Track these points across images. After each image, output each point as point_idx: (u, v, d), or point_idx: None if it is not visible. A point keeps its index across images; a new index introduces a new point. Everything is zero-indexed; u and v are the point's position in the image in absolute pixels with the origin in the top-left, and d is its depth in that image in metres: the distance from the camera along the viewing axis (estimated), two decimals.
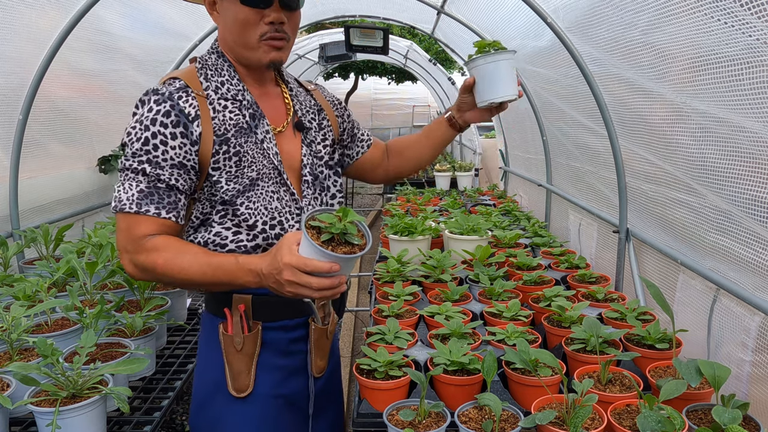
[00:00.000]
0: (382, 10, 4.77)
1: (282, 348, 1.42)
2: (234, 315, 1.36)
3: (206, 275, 1.22)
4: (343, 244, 1.18)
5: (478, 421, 1.36)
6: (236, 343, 1.35)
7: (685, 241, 2.02)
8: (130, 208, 1.23)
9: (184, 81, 1.31)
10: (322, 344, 1.47)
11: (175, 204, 1.27)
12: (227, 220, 1.34)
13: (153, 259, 1.23)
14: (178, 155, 1.25)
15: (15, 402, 1.38)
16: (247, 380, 1.38)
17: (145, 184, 1.24)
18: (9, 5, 2.25)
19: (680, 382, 1.29)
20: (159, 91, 1.27)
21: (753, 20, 1.32)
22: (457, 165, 6.09)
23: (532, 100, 3.65)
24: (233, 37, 1.32)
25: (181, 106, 1.26)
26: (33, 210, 2.80)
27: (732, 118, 1.55)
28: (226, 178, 1.30)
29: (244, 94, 1.36)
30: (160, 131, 1.24)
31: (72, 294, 1.81)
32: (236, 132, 1.32)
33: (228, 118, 1.32)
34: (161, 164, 1.24)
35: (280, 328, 1.41)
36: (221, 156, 1.30)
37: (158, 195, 1.25)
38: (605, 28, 2.16)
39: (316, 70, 9.12)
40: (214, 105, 1.31)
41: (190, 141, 1.26)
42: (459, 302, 2.18)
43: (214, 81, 1.34)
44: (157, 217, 1.24)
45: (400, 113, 13.91)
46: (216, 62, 1.37)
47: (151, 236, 1.24)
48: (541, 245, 3.09)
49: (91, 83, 3.17)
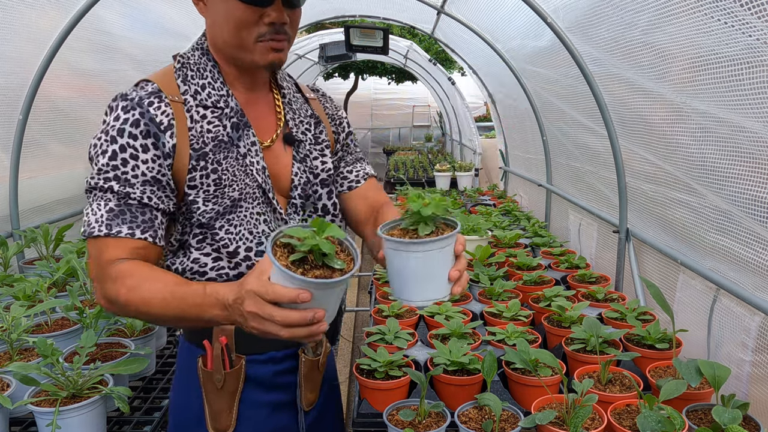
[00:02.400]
0: (382, 10, 4.77)
1: (267, 382, 1.26)
2: (214, 348, 1.18)
3: (170, 308, 1.01)
4: (321, 267, 0.92)
5: (478, 421, 1.36)
6: (216, 380, 1.19)
7: (685, 241, 2.02)
8: (100, 230, 1.05)
9: (158, 84, 1.13)
10: (312, 377, 1.30)
11: (151, 222, 1.09)
12: (206, 245, 1.17)
13: (117, 289, 1.03)
14: (151, 169, 1.08)
15: (15, 402, 1.38)
16: (229, 420, 1.23)
17: (115, 202, 1.07)
18: (9, 5, 2.25)
19: (680, 382, 1.29)
20: (128, 96, 1.10)
21: (753, 20, 1.32)
22: (457, 165, 6.09)
23: (532, 100, 3.65)
24: (225, 36, 1.14)
25: (152, 113, 1.08)
26: (33, 210, 2.80)
27: (732, 118, 1.55)
28: (203, 198, 1.13)
29: (227, 100, 1.18)
30: (129, 143, 1.06)
31: (72, 294, 1.81)
32: (215, 146, 1.15)
33: (206, 129, 1.15)
34: (131, 181, 1.07)
35: (267, 361, 1.25)
36: (198, 173, 1.13)
37: (130, 213, 1.07)
38: (605, 28, 2.16)
39: (316, 70, 9.13)
40: (192, 113, 1.14)
41: (162, 154, 1.09)
42: (459, 302, 2.18)
43: (194, 84, 1.16)
44: (131, 238, 1.06)
45: (400, 113, 13.89)
46: (199, 61, 1.19)
47: (121, 261, 1.05)
48: (541, 245, 3.09)
49: (91, 83, 3.17)
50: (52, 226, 2.56)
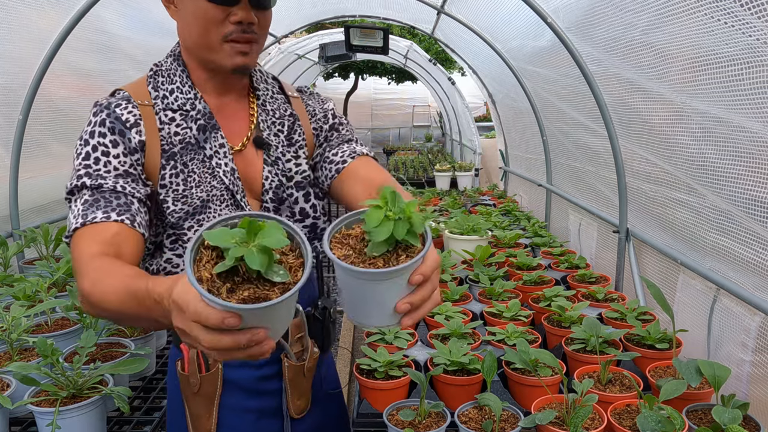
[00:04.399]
0: (382, 10, 4.77)
1: (250, 387, 1.24)
2: (190, 350, 1.16)
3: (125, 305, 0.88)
4: (256, 280, 0.72)
5: (478, 421, 1.36)
6: (192, 383, 1.17)
7: (685, 241, 2.02)
8: (77, 223, 1.01)
9: (128, 92, 1.16)
10: (298, 383, 1.26)
11: (127, 207, 1.05)
12: (178, 246, 1.17)
13: (82, 285, 0.94)
14: (123, 163, 1.09)
15: (15, 402, 1.38)
16: (208, 425, 1.21)
17: (89, 194, 1.05)
18: (9, 5, 2.25)
19: (680, 382, 1.29)
20: (99, 102, 1.14)
21: (753, 20, 1.32)
22: (457, 165, 6.09)
23: (532, 100, 3.65)
24: (193, 37, 1.14)
25: (118, 113, 1.11)
26: (33, 210, 2.80)
27: (732, 118, 1.55)
28: (172, 197, 1.14)
29: (194, 103, 1.18)
30: (100, 142, 1.08)
31: (72, 294, 1.81)
32: (182, 148, 1.16)
33: (173, 132, 1.16)
34: (103, 175, 1.06)
35: (246, 365, 1.23)
36: (168, 172, 1.14)
37: (104, 200, 1.04)
38: (605, 28, 2.16)
39: (316, 70, 9.12)
40: (160, 115, 1.16)
41: (128, 149, 1.10)
42: (459, 302, 2.18)
43: (163, 89, 1.18)
44: (107, 221, 1.01)
45: (400, 113, 13.90)
46: (170, 67, 1.21)
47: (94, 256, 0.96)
48: (541, 245, 3.09)
49: (91, 83, 3.17)
50: (52, 226, 2.56)
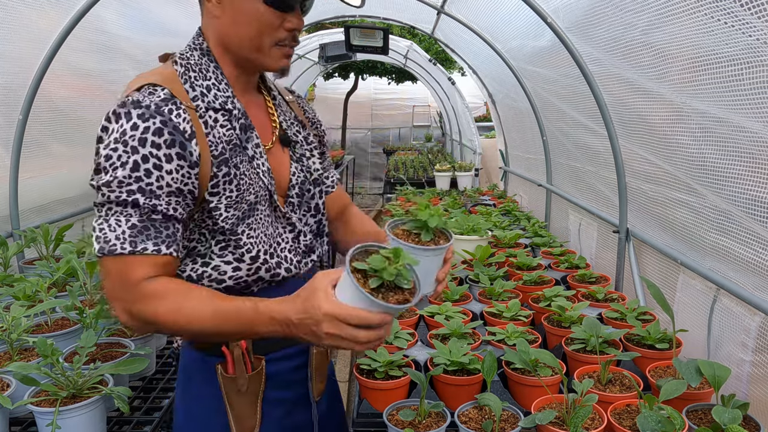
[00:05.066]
0: (382, 10, 4.77)
1: (283, 379, 1.29)
2: (234, 352, 1.19)
3: (217, 325, 1.02)
4: (392, 289, 0.98)
5: (478, 421, 1.36)
6: (240, 384, 1.20)
7: (685, 241, 2.02)
8: (123, 248, 1.00)
9: (168, 89, 1.07)
10: (321, 368, 1.37)
11: (174, 236, 1.06)
12: (228, 253, 1.16)
13: (154, 309, 1.02)
14: (176, 180, 1.04)
15: (15, 402, 1.38)
16: (253, 421, 1.24)
17: (138, 217, 1.02)
18: (9, 5, 2.25)
19: (680, 382, 1.29)
20: (141, 103, 1.03)
21: (753, 20, 1.32)
22: (457, 165, 6.09)
23: (532, 100, 3.65)
24: (241, 37, 1.13)
25: (175, 122, 1.04)
26: (33, 210, 2.80)
27: (732, 118, 1.55)
28: (225, 204, 1.12)
29: (234, 101, 1.16)
30: (153, 153, 1.01)
31: (72, 294, 1.81)
32: (231, 150, 1.13)
33: (221, 134, 1.12)
34: (156, 192, 1.02)
35: (283, 358, 1.28)
36: (221, 179, 1.11)
37: (155, 229, 1.03)
38: (605, 28, 2.16)
39: (316, 70, 9.12)
40: (206, 118, 1.11)
41: (189, 163, 1.05)
42: (459, 302, 2.18)
43: (199, 87, 1.13)
44: (157, 255, 1.03)
45: (400, 113, 13.89)
46: (199, 62, 1.15)
47: (150, 279, 1.03)
48: (541, 245, 3.09)
49: (91, 83, 3.17)
50: (52, 226, 2.56)
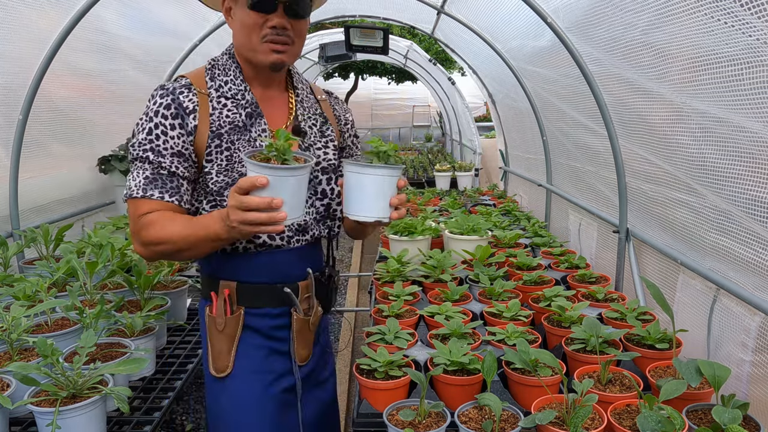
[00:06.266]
0: (382, 10, 4.77)
1: (264, 332, 1.48)
2: (219, 298, 1.44)
3: (188, 235, 1.30)
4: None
5: (478, 421, 1.36)
6: (218, 323, 1.43)
7: (685, 241, 2.02)
8: (137, 193, 1.34)
9: (190, 80, 1.42)
10: (304, 334, 1.52)
11: (178, 188, 1.37)
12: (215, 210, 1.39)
13: (148, 232, 1.32)
14: (177, 144, 1.36)
15: (15, 402, 1.38)
16: (227, 361, 1.45)
17: (150, 171, 1.35)
18: (9, 5, 2.26)
19: (680, 382, 1.29)
20: (165, 86, 1.39)
21: (753, 20, 1.32)
22: (457, 165, 6.09)
23: (532, 100, 3.65)
24: (241, 40, 1.41)
25: (181, 100, 1.37)
26: (33, 210, 2.80)
27: (732, 118, 1.55)
28: (216, 170, 1.39)
29: (244, 93, 1.44)
30: (161, 122, 1.35)
31: (72, 294, 1.81)
32: (230, 129, 1.41)
33: (225, 115, 1.41)
34: (162, 152, 1.34)
35: (263, 315, 1.47)
36: (213, 149, 1.39)
37: (161, 180, 1.35)
38: (605, 28, 2.16)
39: (316, 70, 9.13)
40: (214, 103, 1.41)
41: (186, 131, 1.37)
42: (459, 302, 2.18)
43: (219, 80, 1.44)
44: (161, 200, 1.34)
45: (400, 113, 13.90)
46: (226, 63, 1.47)
47: (150, 213, 1.33)
48: (541, 245, 3.09)
49: (91, 83, 3.17)
50: (52, 226, 2.56)
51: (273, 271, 1.46)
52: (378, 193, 1.28)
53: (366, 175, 1.28)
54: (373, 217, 1.29)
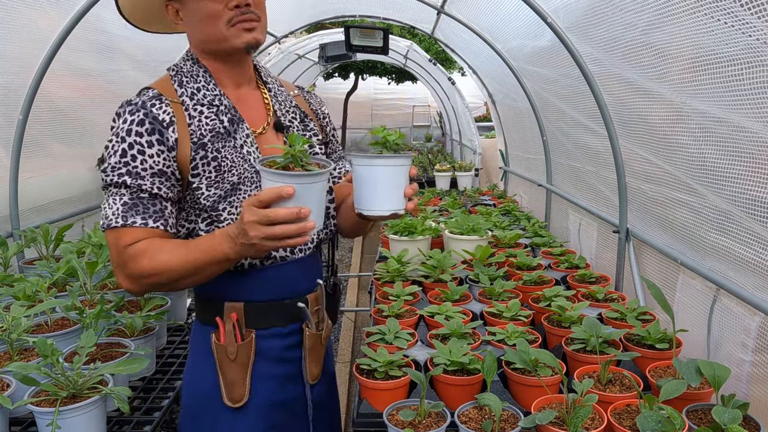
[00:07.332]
0: (382, 10, 4.77)
1: (276, 355, 1.39)
2: (226, 323, 1.33)
3: (188, 260, 1.19)
4: None
5: (478, 421, 1.36)
6: (229, 352, 1.33)
7: (685, 241, 2.02)
8: (116, 222, 1.21)
9: (157, 90, 1.30)
10: (316, 350, 1.45)
11: (161, 212, 1.24)
12: (213, 228, 1.30)
13: (140, 265, 1.20)
14: (157, 163, 1.23)
15: (15, 402, 1.38)
16: (242, 390, 1.35)
17: (128, 196, 1.22)
18: (9, 5, 2.25)
19: (680, 382, 1.29)
20: (132, 101, 1.26)
21: (753, 20, 1.32)
22: (457, 165, 6.09)
23: (532, 100, 3.65)
24: (203, 35, 1.29)
25: (155, 113, 1.24)
26: (33, 210, 2.80)
27: (732, 118, 1.55)
28: (206, 183, 1.28)
29: (221, 99, 1.33)
30: (137, 141, 1.22)
31: (72, 294, 1.81)
32: (213, 137, 1.29)
33: (204, 123, 1.30)
34: (141, 174, 1.22)
35: (274, 336, 1.39)
36: (199, 162, 1.27)
37: (142, 205, 1.22)
38: (605, 28, 2.16)
39: (316, 70, 9.11)
40: (190, 111, 1.29)
41: (167, 147, 1.24)
42: (459, 302, 2.18)
43: (190, 87, 1.32)
44: (145, 227, 1.22)
45: (400, 113, 13.90)
46: (191, 69, 1.34)
47: (135, 243, 1.21)
48: (541, 245, 3.09)
49: (91, 83, 3.16)
50: (52, 226, 2.56)
51: (280, 285, 1.38)
52: (391, 185, 1.20)
53: (377, 167, 1.19)
54: (389, 210, 1.21)
